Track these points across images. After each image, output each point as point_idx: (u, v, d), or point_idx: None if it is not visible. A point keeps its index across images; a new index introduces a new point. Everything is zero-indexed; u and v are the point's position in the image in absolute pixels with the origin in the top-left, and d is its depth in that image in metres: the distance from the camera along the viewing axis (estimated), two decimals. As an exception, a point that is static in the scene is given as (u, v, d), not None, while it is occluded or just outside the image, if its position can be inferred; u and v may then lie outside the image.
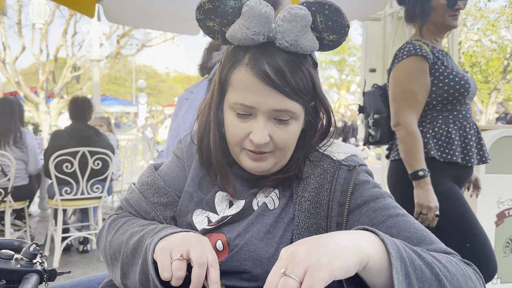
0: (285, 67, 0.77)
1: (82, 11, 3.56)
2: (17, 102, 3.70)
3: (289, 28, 0.75)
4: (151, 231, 0.80)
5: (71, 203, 3.54)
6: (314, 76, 0.81)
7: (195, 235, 0.75)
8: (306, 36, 0.77)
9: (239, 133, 0.82)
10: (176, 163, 0.98)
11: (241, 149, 0.85)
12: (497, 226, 2.35)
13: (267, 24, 0.76)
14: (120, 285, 0.83)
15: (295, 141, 0.85)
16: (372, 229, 0.65)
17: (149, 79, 35.02)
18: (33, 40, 13.29)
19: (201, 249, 0.70)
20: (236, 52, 0.82)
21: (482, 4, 16.54)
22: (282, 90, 0.77)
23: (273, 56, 0.77)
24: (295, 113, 0.80)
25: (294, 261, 0.57)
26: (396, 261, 0.60)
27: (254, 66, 0.77)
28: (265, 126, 0.80)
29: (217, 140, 0.89)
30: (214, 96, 0.88)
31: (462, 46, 16.47)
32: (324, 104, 0.86)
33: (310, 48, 0.78)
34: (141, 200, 0.92)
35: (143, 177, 0.96)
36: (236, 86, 0.81)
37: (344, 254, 0.58)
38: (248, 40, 0.77)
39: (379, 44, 3.87)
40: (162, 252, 0.71)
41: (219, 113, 0.89)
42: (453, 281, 0.66)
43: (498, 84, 17.25)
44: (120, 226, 0.90)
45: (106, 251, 0.89)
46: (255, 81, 0.77)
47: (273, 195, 0.88)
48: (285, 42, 0.76)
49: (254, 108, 0.79)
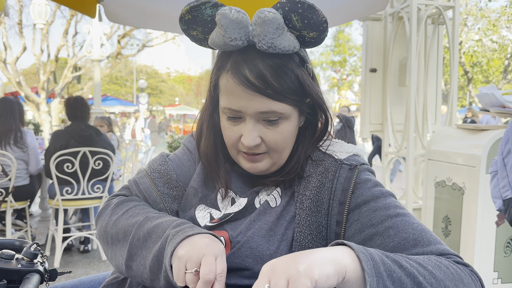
0: (265, 70, 0.78)
1: (83, 11, 3.56)
2: (17, 102, 3.70)
3: (263, 32, 0.75)
4: (171, 223, 0.80)
5: (72, 203, 3.54)
6: (299, 74, 0.81)
7: (210, 243, 0.73)
8: (282, 37, 0.77)
9: (232, 136, 0.84)
10: (188, 157, 0.99)
11: (237, 151, 0.87)
12: (498, 226, 2.35)
13: (242, 29, 0.76)
14: (121, 266, 0.83)
15: (290, 140, 0.86)
16: (349, 244, 0.65)
17: (150, 79, 35.01)
18: (34, 40, 13.29)
19: (211, 264, 0.69)
20: (221, 57, 0.84)
21: (483, 4, 16.52)
22: (264, 92, 0.78)
23: (254, 60, 0.78)
24: (283, 113, 0.81)
25: (276, 273, 0.58)
26: (370, 277, 0.61)
27: (235, 72, 0.79)
28: (254, 129, 0.81)
29: (210, 143, 0.91)
30: (207, 100, 0.91)
31: (463, 46, 16.47)
32: (317, 101, 0.86)
33: (290, 48, 0.78)
34: (152, 189, 0.92)
35: (155, 164, 0.96)
36: (223, 91, 0.83)
37: (322, 262, 0.59)
38: (228, 46, 0.79)
39: (379, 44, 3.87)
40: (180, 261, 0.71)
41: (214, 116, 0.92)
42: (439, 287, 0.66)
43: (499, 84, 17.24)
44: (129, 208, 0.89)
45: (107, 229, 0.88)
46: (237, 86, 0.79)
47: (275, 193, 0.89)
48: (262, 45, 0.77)
49: (241, 112, 0.81)
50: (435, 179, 2.73)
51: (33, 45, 13.37)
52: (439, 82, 3.83)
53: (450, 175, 2.56)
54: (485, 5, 16.41)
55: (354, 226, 0.81)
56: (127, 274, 0.83)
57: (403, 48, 3.69)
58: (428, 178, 2.81)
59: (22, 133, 3.59)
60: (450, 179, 2.55)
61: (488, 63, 17.21)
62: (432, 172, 2.77)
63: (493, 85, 2.59)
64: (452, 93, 3.51)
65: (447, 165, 2.60)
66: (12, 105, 3.59)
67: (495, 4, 46.83)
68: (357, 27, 26.25)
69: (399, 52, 3.74)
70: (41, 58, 13.38)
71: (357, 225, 0.80)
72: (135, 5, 3.65)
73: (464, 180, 2.42)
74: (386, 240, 0.76)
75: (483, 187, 2.29)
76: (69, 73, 13.58)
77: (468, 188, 2.38)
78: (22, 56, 12.43)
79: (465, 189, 2.41)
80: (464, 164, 2.42)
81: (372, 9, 3.27)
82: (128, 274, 0.83)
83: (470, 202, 2.36)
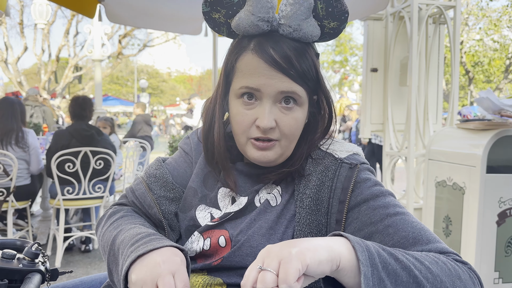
0: (290, 52, 0.79)
1: (82, 12, 3.56)
2: (19, 102, 3.70)
3: (293, 11, 0.78)
4: (131, 239, 0.77)
5: (73, 203, 3.54)
6: (316, 64, 0.84)
7: (164, 262, 0.69)
8: (308, 21, 0.80)
9: (245, 121, 0.83)
10: (184, 158, 1.00)
11: (247, 139, 0.85)
12: (499, 226, 2.35)
13: (271, 10, 0.79)
14: (108, 278, 0.82)
15: (300, 129, 0.86)
16: (346, 235, 0.66)
17: (150, 79, 35.02)
18: (35, 40, 13.31)
19: (169, 283, 0.66)
20: (241, 41, 0.84)
21: (484, 3, 16.48)
22: (287, 73, 0.79)
23: (278, 42, 0.80)
24: (301, 97, 0.82)
25: (269, 256, 0.60)
26: (365, 267, 0.61)
27: (260, 50, 0.80)
28: (271, 111, 0.81)
29: (221, 132, 0.89)
30: (219, 88, 0.90)
31: (464, 45, 16.44)
32: (326, 95, 0.88)
33: (312, 34, 0.81)
34: (146, 194, 0.92)
35: (151, 169, 0.96)
36: (242, 71, 0.82)
37: (315, 248, 0.61)
38: (253, 27, 0.80)
39: (380, 43, 3.87)
40: (134, 287, 0.69)
41: (224, 105, 0.90)
42: (436, 282, 0.66)
43: (500, 83, 17.22)
44: (116, 220, 0.89)
45: (99, 241, 0.89)
46: (261, 64, 0.79)
47: (275, 192, 0.89)
48: (288, 27, 0.79)
49: (260, 91, 0.81)
50: (435, 179, 2.73)
51: (34, 45, 13.38)
52: (440, 82, 3.83)
53: (451, 174, 2.55)
54: (486, 4, 16.38)
55: (354, 225, 0.81)
56: (112, 286, 0.82)
57: (404, 48, 3.69)
58: (429, 178, 2.81)
59: (23, 133, 3.59)
60: (451, 179, 2.55)
61: (489, 62, 17.18)
62: (432, 172, 2.77)
63: (490, 89, 2.59)
64: (453, 92, 3.51)
65: (448, 165, 2.60)
66: (13, 105, 3.59)
67: (496, 3, 46.78)
68: (358, 26, 26.26)
69: (400, 52, 3.73)
70: (42, 58, 13.40)
71: (357, 223, 0.81)
72: (136, 5, 3.65)
73: (464, 180, 2.42)
74: (385, 239, 0.77)
75: (483, 187, 2.28)
76: (70, 73, 13.60)
77: (468, 188, 2.38)
78: (23, 56, 12.46)
79: (466, 188, 2.40)
80: (465, 163, 2.42)
81: (373, 9, 3.27)
82: (113, 286, 0.82)
83: (471, 202, 2.35)
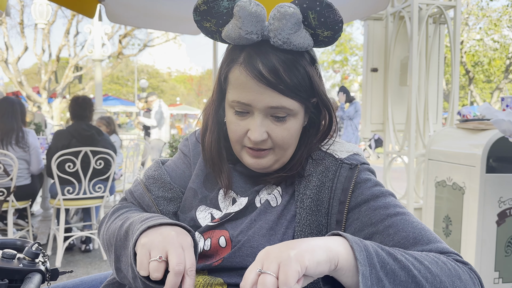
0: (279, 65, 0.78)
1: (82, 12, 3.56)
2: (19, 102, 3.70)
3: (280, 27, 0.76)
4: (142, 217, 0.79)
5: (73, 203, 3.54)
6: (310, 73, 0.82)
7: (178, 235, 0.72)
8: (298, 34, 0.77)
9: (238, 131, 0.84)
10: (182, 160, 1.00)
11: (241, 147, 0.86)
12: (499, 226, 2.35)
13: (258, 23, 0.77)
14: (114, 270, 0.82)
15: (295, 138, 0.86)
16: (344, 235, 0.66)
17: (151, 79, 34.99)
18: (35, 40, 13.31)
19: (180, 254, 0.67)
20: (233, 51, 0.83)
21: (484, 3, 16.47)
22: (276, 87, 0.78)
23: (267, 54, 0.78)
24: (292, 110, 0.81)
25: (268, 258, 0.60)
26: (363, 266, 0.61)
27: (248, 65, 0.79)
28: (262, 124, 0.81)
29: (214, 138, 0.91)
30: (214, 94, 0.91)
31: (464, 45, 16.43)
32: (324, 101, 0.86)
33: (304, 45, 0.79)
34: (144, 194, 0.93)
35: (150, 171, 0.97)
36: (233, 84, 0.82)
37: (314, 249, 0.61)
38: (242, 39, 0.79)
39: (380, 43, 3.87)
40: (142, 249, 0.70)
41: (220, 111, 0.91)
42: (435, 282, 0.66)
43: (500, 83, 17.21)
44: (120, 214, 0.90)
45: (104, 236, 0.89)
46: (249, 79, 0.79)
47: (276, 192, 0.89)
48: (278, 40, 0.77)
49: (251, 106, 0.81)
50: (435, 178, 2.73)
51: (34, 45, 13.38)
52: (440, 82, 3.83)
53: (451, 174, 2.56)
54: (486, 4, 16.37)
55: (354, 225, 0.81)
56: (118, 277, 0.82)
57: (404, 48, 3.69)
58: (429, 177, 2.81)
59: (24, 133, 3.59)
60: (451, 179, 2.55)
61: (489, 62, 17.16)
62: (432, 172, 2.77)
63: (487, 103, 2.58)
64: (453, 92, 3.51)
65: (447, 165, 2.60)
66: (14, 105, 3.59)
67: (497, 3, 46.76)
68: (358, 26, 26.27)
69: (400, 52, 3.73)
70: (42, 58, 13.41)
71: (357, 224, 0.80)
72: (136, 5, 3.65)
73: (464, 180, 2.42)
74: (385, 239, 0.77)
75: (483, 187, 2.28)
76: (71, 73, 13.61)
77: (468, 188, 2.38)
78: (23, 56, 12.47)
79: (466, 188, 2.40)
80: (464, 163, 2.42)
81: (373, 8, 3.26)
82: (119, 277, 0.82)
83: (471, 202, 2.35)
